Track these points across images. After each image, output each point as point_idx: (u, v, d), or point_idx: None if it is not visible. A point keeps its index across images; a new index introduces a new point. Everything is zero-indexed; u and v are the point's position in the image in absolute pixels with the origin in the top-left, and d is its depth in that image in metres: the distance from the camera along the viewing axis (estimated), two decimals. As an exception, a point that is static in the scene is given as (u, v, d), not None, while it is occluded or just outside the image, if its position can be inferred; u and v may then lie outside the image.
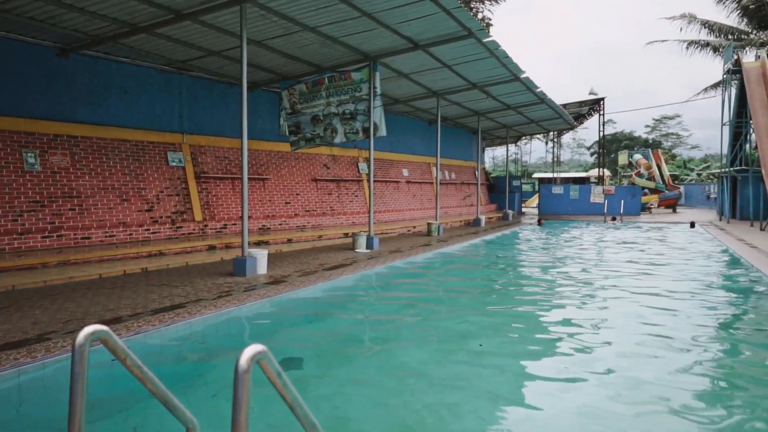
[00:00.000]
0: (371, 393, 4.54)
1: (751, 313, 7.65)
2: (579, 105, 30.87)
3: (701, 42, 30.63)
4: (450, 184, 25.55)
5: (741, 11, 29.79)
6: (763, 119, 20.85)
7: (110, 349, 2.18)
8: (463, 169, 27.33)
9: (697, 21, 30.69)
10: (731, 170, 24.07)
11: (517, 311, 7.69)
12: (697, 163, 62.24)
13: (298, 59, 12.64)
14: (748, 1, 28.91)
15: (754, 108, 21.30)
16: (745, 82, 22.35)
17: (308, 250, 12.67)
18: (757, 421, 3.96)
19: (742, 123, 23.96)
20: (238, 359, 1.72)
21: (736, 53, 23.87)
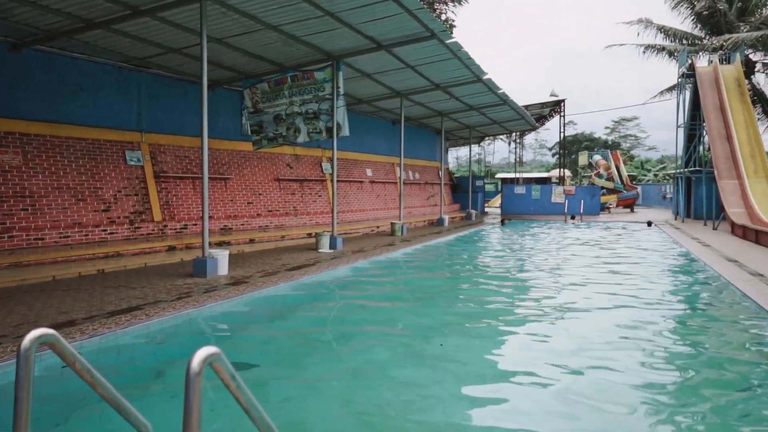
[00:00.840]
0: (333, 394, 4.52)
1: (702, 308, 7.87)
2: (541, 106, 31.36)
3: (657, 46, 31.44)
4: (414, 184, 25.65)
5: (695, 17, 30.71)
6: (716, 122, 21.54)
7: (58, 353, 2.12)
8: (427, 169, 27.48)
9: (654, 26, 31.50)
10: (686, 171, 24.78)
11: (478, 310, 7.75)
12: (654, 164, 63.96)
13: (261, 58, 12.52)
14: (701, 8, 29.81)
15: (707, 111, 21.98)
16: (698, 86, 23.06)
17: (271, 251, 12.55)
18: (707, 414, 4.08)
19: (696, 125, 24.69)
20: (190, 361, 1.69)
21: (690, 58, 24.60)
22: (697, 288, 9.41)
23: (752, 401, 4.34)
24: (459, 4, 28.90)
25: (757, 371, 5.04)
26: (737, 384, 4.72)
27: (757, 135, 20.54)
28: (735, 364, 5.25)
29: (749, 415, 4.06)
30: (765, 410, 4.15)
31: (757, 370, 5.06)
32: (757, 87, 29.63)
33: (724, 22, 28.90)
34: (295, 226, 16.45)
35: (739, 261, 11.18)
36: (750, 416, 4.05)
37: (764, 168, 19.40)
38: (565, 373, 4.94)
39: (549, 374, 4.95)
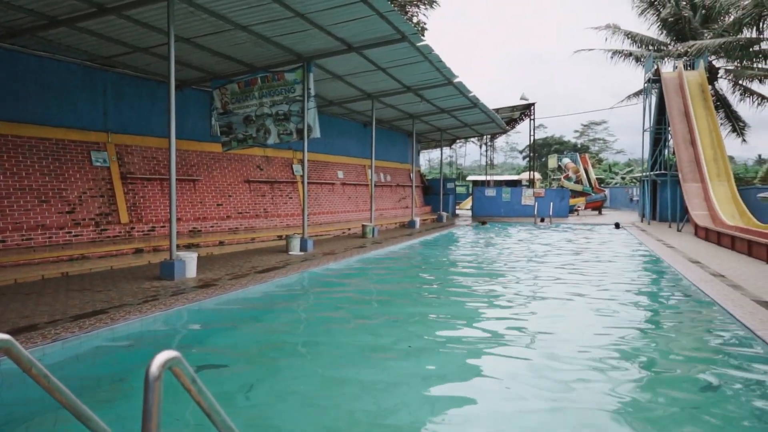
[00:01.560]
0: (300, 398, 4.49)
1: (664, 308, 8.04)
2: (511, 110, 31.67)
3: (625, 52, 32.02)
4: (385, 186, 25.68)
5: (661, 24, 31.35)
6: (680, 126, 22.04)
7: (13, 358, 2.06)
8: (399, 171, 27.53)
9: (621, 32, 32.06)
10: (651, 174, 25.30)
11: (448, 312, 7.79)
12: (622, 167, 65.17)
13: (230, 58, 12.40)
14: (667, 15, 30.45)
15: (672, 116, 22.49)
16: (664, 91, 23.57)
17: (241, 253, 12.44)
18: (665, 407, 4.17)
19: (661, 129, 25.24)
20: (149, 366, 1.66)
21: (656, 63, 25.14)
22: (660, 288, 9.60)
23: (710, 400, 4.44)
24: (430, 7, 29.05)
25: (714, 369, 5.16)
26: (696, 381, 4.83)
27: (719, 139, 21.08)
28: (694, 362, 5.37)
29: (703, 411, 4.16)
30: (722, 409, 4.24)
31: (714, 368, 5.18)
32: (719, 93, 30.40)
33: (689, 29, 29.59)
34: (266, 228, 16.33)
35: (702, 262, 11.45)
36: (707, 414, 4.14)
37: (726, 172, 19.91)
38: (531, 375, 5.00)
39: (516, 375, 5.01)
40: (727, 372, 5.09)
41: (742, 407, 4.27)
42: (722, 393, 4.56)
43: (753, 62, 25.84)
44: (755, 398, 4.45)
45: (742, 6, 23.21)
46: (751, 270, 10.40)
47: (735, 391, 4.62)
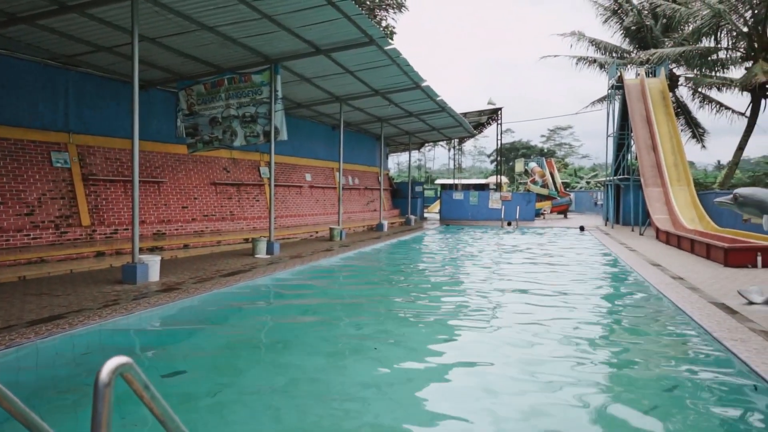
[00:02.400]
0: (263, 403, 4.44)
1: (625, 310, 8.20)
2: (478, 114, 31.98)
3: (589, 58, 32.67)
4: (353, 189, 25.66)
5: (624, 32, 32.10)
6: (642, 132, 22.56)
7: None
8: (367, 174, 27.54)
9: (586, 39, 32.73)
10: (615, 179, 25.81)
11: (414, 315, 7.81)
12: (587, 172, 66.34)
13: (196, 59, 12.26)
14: (630, 23, 31.19)
15: (634, 121, 23.00)
16: (626, 98, 24.09)
17: (206, 256, 12.28)
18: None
19: (624, 135, 25.77)
20: (99, 372, 1.63)
21: (620, 70, 25.67)
22: (622, 291, 9.80)
23: (668, 400, 4.54)
24: (399, 11, 29.17)
25: (671, 370, 5.29)
26: (653, 382, 4.94)
27: (679, 145, 21.63)
28: (652, 364, 5.49)
29: (662, 410, 4.25)
30: (680, 408, 4.35)
31: (671, 370, 5.31)
32: (680, 100, 31.23)
33: (651, 38, 30.34)
34: (232, 231, 16.16)
35: (662, 265, 11.72)
36: (665, 413, 4.24)
37: (686, 177, 20.44)
38: (497, 376, 5.05)
39: (482, 377, 5.05)
40: (684, 373, 5.21)
41: (699, 407, 4.37)
42: (679, 393, 4.67)
43: (711, 71, 26.59)
44: (712, 398, 4.57)
45: (701, 16, 23.88)
46: (708, 272, 10.69)
47: (692, 391, 4.73)
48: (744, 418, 4.17)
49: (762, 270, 11.10)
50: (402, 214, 29.45)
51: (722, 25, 23.44)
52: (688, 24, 25.88)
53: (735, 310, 7.13)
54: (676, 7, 25.61)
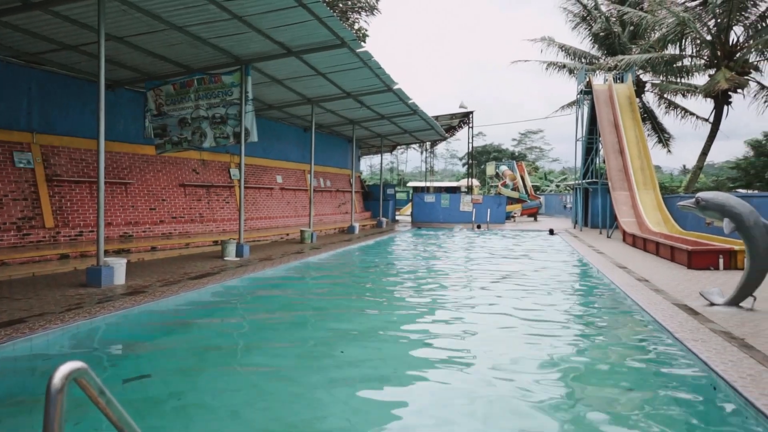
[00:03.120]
0: (229, 407, 4.39)
1: (591, 312, 8.33)
2: (450, 117, 32.18)
3: (559, 64, 33.12)
4: (325, 191, 25.59)
5: (593, 38, 32.64)
6: (610, 137, 22.95)
7: None
8: (339, 176, 27.49)
9: (556, 44, 33.17)
10: (583, 182, 26.21)
11: (383, 317, 7.82)
12: (557, 175, 67.30)
13: (165, 59, 12.09)
14: (598, 29, 31.72)
15: (602, 126, 23.38)
16: (595, 103, 24.49)
17: (174, 259, 12.11)
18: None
19: (593, 139, 26.18)
20: (51, 378, 1.59)
21: (588, 76, 26.09)
22: (589, 293, 9.95)
23: (631, 400, 4.62)
24: (371, 14, 29.21)
25: (635, 371, 5.38)
26: (616, 383, 5.02)
27: (646, 150, 22.07)
28: (616, 364, 5.58)
29: (625, 409, 4.33)
30: (643, 408, 4.43)
31: (635, 370, 5.41)
32: (646, 105, 31.86)
33: (618, 44, 30.90)
34: (201, 233, 15.96)
35: (628, 267, 11.93)
36: (628, 412, 4.31)
37: (652, 181, 20.85)
38: (465, 375, 5.08)
39: (449, 379, 5.07)
40: (647, 373, 5.31)
41: (660, 406, 4.46)
42: (642, 393, 4.76)
43: (676, 77, 27.19)
44: (673, 397, 4.66)
45: (666, 24, 24.41)
46: (672, 275, 10.91)
47: (654, 391, 4.82)
48: (703, 417, 4.26)
49: (723, 272, 11.37)
50: (374, 217, 29.46)
51: (687, 33, 23.99)
52: (654, 31, 26.40)
53: (697, 312, 7.30)
54: (643, 15, 26.14)
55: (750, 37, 23.77)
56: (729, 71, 22.75)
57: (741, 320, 6.78)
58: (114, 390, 4.61)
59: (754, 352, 5.33)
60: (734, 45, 24.04)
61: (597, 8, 32.12)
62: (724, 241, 12.91)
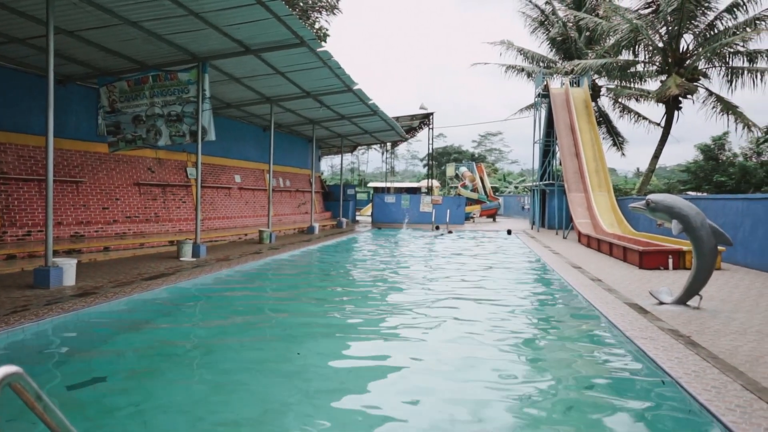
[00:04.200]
0: (183, 411, 4.31)
1: (546, 311, 8.48)
2: (410, 118, 32.31)
3: (517, 67, 33.61)
4: (285, 191, 25.37)
5: (550, 42, 33.23)
6: (567, 139, 23.42)
7: None
8: (299, 176, 27.30)
9: (514, 48, 33.65)
10: (541, 184, 26.68)
11: (341, 318, 7.79)
12: (515, 177, 68.33)
13: (119, 54, 11.80)
14: (555, 34, 32.32)
15: (559, 129, 23.84)
16: (552, 106, 24.96)
17: (128, 259, 11.82)
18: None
19: (550, 142, 26.69)
20: (-18, 384, 1.52)
21: (546, 79, 26.57)
22: (544, 292, 10.12)
23: (584, 398, 4.72)
24: (332, 13, 29.11)
25: (587, 369, 5.50)
26: (569, 381, 5.12)
27: (600, 152, 22.59)
28: (569, 363, 5.69)
29: (578, 409, 4.42)
30: (596, 407, 4.52)
31: (587, 369, 5.53)
32: (602, 109, 32.62)
33: (575, 49, 31.54)
34: (157, 233, 15.62)
35: (583, 267, 12.19)
36: (581, 410, 4.40)
37: (606, 183, 21.36)
38: (419, 377, 5.10)
39: (404, 378, 5.08)
40: (598, 371, 5.43)
41: (611, 403, 4.56)
42: (593, 390, 4.86)
43: (630, 82, 27.91)
44: (623, 394, 4.77)
45: (620, 30, 25.04)
46: (624, 274, 11.20)
47: (604, 388, 4.93)
48: (651, 413, 4.38)
49: (673, 272, 11.73)
50: (334, 217, 29.37)
51: (639, 39, 24.63)
52: (609, 37, 27.04)
53: (646, 310, 7.50)
54: (598, 21, 26.73)
55: (699, 45, 24.58)
56: (679, 77, 23.47)
57: (688, 318, 7.01)
58: (64, 395, 4.50)
59: (699, 349, 5.51)
60: (684, 52, 24.82)
61: (554, 13, 32.72)
62: (673, 242, 13.32)
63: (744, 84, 23.91)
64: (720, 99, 25.14)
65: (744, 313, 7.38)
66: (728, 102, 24.93)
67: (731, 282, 10.20)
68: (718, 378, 4.60)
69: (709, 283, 7.95)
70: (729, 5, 23.55)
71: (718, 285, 9.67)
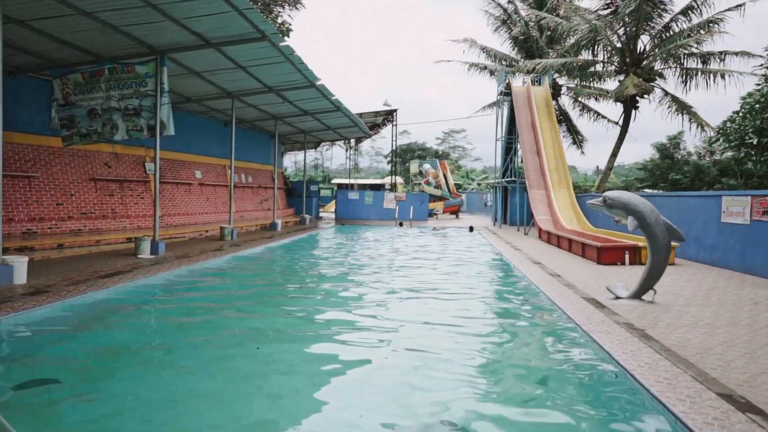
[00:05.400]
0: (137, 413, 4.21)
1: (506, 305, 8.59)
2: (374, 115, 32.32)
3: (480, 65, 33.90)
4: (247, 187, 25.07)
5: (512, 41, 33.63)
6: (528, 137, 23.75)
7: None
8: (261, 172, 27.01)
9: (477, 46, 33.92)
10: (503, 181, 27.00)
11: (301, 315, 7.73)
12: (478, 174, 68.96)
13: (73, 46, 11.44)
14: (517, 33, 32.72)
15: (520, 127, 24.17)
16: (514, 104, 25.27)
17: (83, 257, 11.52)
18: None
19: (512, 139, 27.02)
20: None
21: (508, 78, 26.88)
22: (504, 287, 10.25)
23: (541, 389, 4.79)
24: (295, 8, 28.85)
25: (545, 362, 5.59)
26: (529, 374, 5.19)
27: (561, 150, 22.98)
28: (528, 356, 5.77)
29: (538, 401, 4.48)
30: (553, 397, 4.59)
31: (545, 361, 5.61)
32: (562, 108, 33.17)
33: (537, 48, 31.99)
34: (114, 230, 15.24)
35: (543, 263, 12.39)
36: (539, 400, 4.47)
37: (566, 180, 21.75)
38: (380, 370, 5.10)
39: (364, 375, 5.08)
40: (556, 364, 5.52)
41: (567, 393, 4.64)
42: (550, 381, 4.94)
43: (590, 82, 28.46)
44: (579, 386, 4.86)
45: (580, 30, 25.49)
46: (583, 270, 11.42)
47: (561, 381, 5.02)
48: (606, 403, 4.47)
49: (629, 267, 12.02)
50: (297, 214, 29.16)
51: (599, 40, 25.10)
52: (570, 37, 27.49)
53: (603, 305, 7.67)
54: (559, 21, 27.15)
55: (655, 46, 25.20)
56: (636, 77, 24.02)
57: (642, 312, 7.18)
58: (11, 397, 4.33)
59: (652, 342, 5.65)
60: (641, 53, 25.40)
61: (517, 12, 33.11)
62: (630, 238, 13.63)
63: (698, 85, 24.64)
64: (675, 99, 25.84)
65: (696, 306, 7.60)
66: (683, 102, 25.65)
67: (684, 277, 10.50)
68: (669, 370, 4.73)
69: (663, 278, 8.16)
70: (684, 8, 24.22)
71: (671, 280, 9.95)
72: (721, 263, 11.89)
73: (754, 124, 14.52)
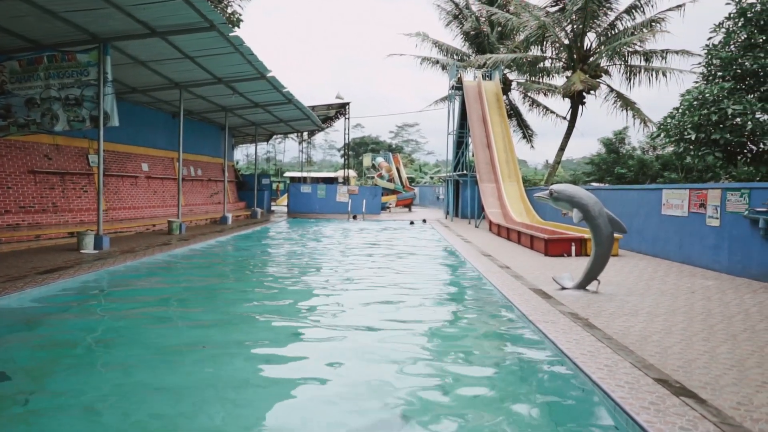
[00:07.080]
0: (81, 410, 4.08)
1: (455, 296, 8.70)
2: (327, 108, 32.10)
3: (432, 59, 34.10)
4: (196, 180, 24.56)
5: (464, 36, 33.93)
6: (479, 131, 24.05)
7: None
8: (211, 165, 26.51)
9: (429, 40, 34.09)
10: (454, 174, 27.28)
11: (249, 311, 7.64)
12: (431, 168, 69.49)
13: (9, 32, 10.95)
14: (469, 28, 33.03)
15: (471, 121, 24.45)
16: (465, 98, 25.53)
17: (22, 253, 11.07)
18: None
19: (463, 133, 27.31)
20: None
21: (459, 72, 27.13)
22: (454, 279, 10.37)
23: (489, 380, 4.87)
24: (246, -1, 28.36)
25: (492, 352, 5.69)
26: (477, 364, 5.27)
27: (510, 144, 23.36)
28: (477, 347, 5.86)
29: (488, 388, 4.55)
30: (500, 387, 4.68)
31: (492, 351, 5.71)
32: (512, 102, 33.71)
33: (488, 43, 32.37)
34: (55, 224, 14.68)
35: (492, 255, 12.58)
36: (488, 388, 4.54)
37: (516, 173, 22.14)
38: (333, 365, 5.09)
39: (316, 371, 5.06)
40: (503, 354, 5.63)
41: (513, 381, 4.73)
42: (495, 370, 5.02)
43: (539, 77, 29.00)
44: (525, 375, 4.97)
45: (529, 27, 25.93)
46: (531, 262, 11.66)
47: (509, 370, 5.11)
48: (550, 390, 4.58)
49: (575, 258, 12.34)
50: (248, 207, 28.76)
51: (547, 36, 25.61)
52: (520, 33, 27.94)
53: (549, 295, 7.85)
54: (509, 17, 27.53)
55: (601, 44, 25.88)
56: (583, 74, 24.63)
57: (587, 302, 7.39)
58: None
59: (595, 330, 5.82)
60: (588, 50, 26.06)
61: (468, 7, 33.39)
62: (576, 231, 13.99)
63: (641, 82, 25.49)
64: (620, 95, 26.62)
65: (637, 296, 7.87)
66: (627, 98, 26.45)
67: (626, 267, 10.85)
68: (610, 357, 4.88)
69: (606, 269, 8.42)
70: (628, 7, 24.96)
71: (615, 270, 10.26)
72: (662, 254, 12.33)
73: (692, 120, 15.08)
